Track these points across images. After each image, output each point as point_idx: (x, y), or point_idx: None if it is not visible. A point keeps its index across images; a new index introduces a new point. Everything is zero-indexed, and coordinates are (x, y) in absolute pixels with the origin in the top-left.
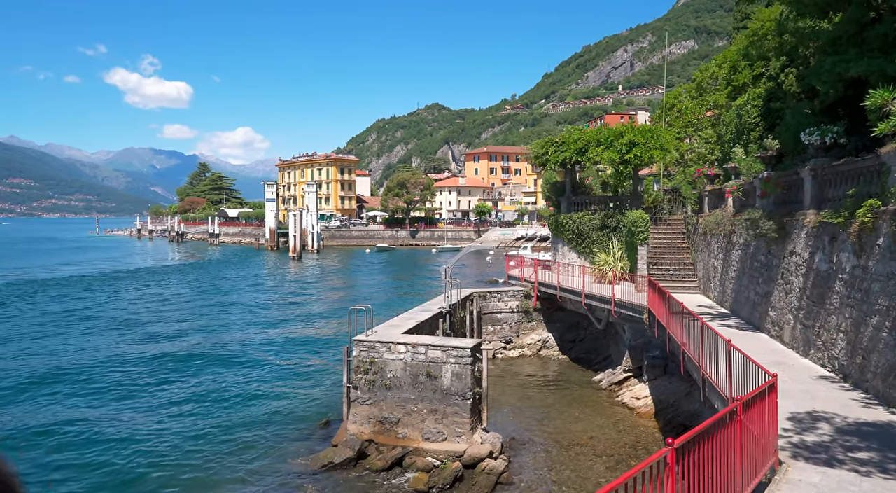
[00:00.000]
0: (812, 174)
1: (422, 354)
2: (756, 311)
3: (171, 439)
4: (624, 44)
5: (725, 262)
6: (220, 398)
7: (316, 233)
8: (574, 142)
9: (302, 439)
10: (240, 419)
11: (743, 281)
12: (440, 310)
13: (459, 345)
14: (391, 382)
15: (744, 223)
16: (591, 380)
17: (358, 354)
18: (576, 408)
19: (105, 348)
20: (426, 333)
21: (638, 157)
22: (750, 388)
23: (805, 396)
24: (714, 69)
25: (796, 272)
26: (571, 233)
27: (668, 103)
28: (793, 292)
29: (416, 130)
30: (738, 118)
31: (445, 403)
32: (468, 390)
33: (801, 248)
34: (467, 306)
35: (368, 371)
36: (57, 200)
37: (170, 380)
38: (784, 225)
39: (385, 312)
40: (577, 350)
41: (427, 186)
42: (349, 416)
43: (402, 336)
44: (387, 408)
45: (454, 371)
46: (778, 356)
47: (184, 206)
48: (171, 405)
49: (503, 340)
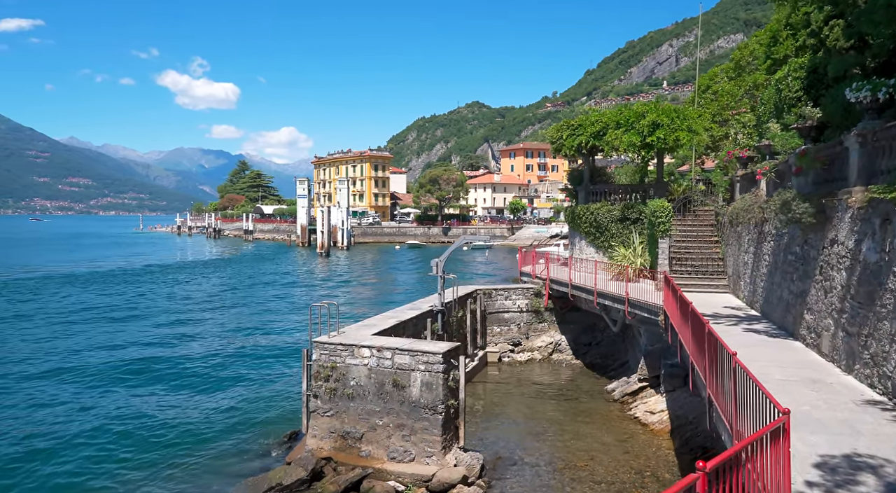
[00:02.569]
0: (860, 141)
1: (388, 359)
2: (789, 314)
3: (121, 452)
4: (669, 38)
5: (756, 256)
6: (190, 405)
7: (346, 229)
8: (591, 124)
9: (262, 454)
10: (204, 428)
11: (775, 278)
12: (431, 308)
13: (430, 349)
14: (354, 391)
15: (774, 207)
16: (604, 389)
17: (318, 358)
18: (581, 422)
19: (66, 350)
20: (410, 335)
21: (662, 139)
22: (761, 421)
23: (844, 429)
24: (755, 47)
25: (838, 266)
26: (588, 226)
27: (703, 85)
28: (834, 291)
29: (457, 129)
30: (777, 93)
31: (414, 417)
32: (439, 403)
33: (844, 235)
34: (468, 304)
35: (329, 378)
36: (112, 198)
37: (130, 386)
38: (823, 208)
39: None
40: (592, 355)
41: (460, 183)
42: (309, 429)
43: (368, 338)
44: (349, 421)
45: (424, 380)
46: (812, 371)
47: (223, 203)
48: (128, 416)
49: (511, 342)
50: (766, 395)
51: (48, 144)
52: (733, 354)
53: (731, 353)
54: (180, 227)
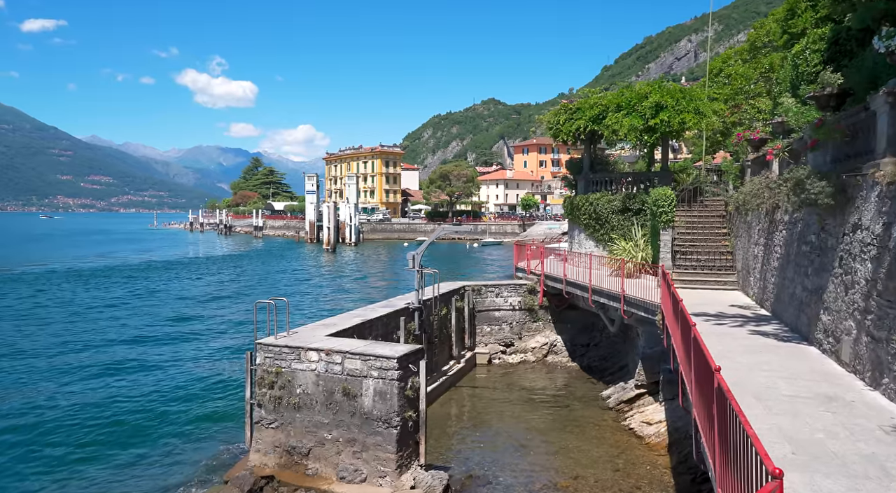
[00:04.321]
0: (890, 102)
1: (337, 364)
2: (803, 314)
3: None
4: (688, 33)
5: (767, 248)
6: (134, 409)
7: (354, 226)
8: (590, 108)
9: (203, 470)
10: (138, 440)
11: (787, 272)
12: (407, 306)
13: (384, 353)
14: (301, 400)
15: (785, 189)
16: (599, 395)
17: (262, 362)
18: (570, 433)
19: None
20: (378, 335)
21: (665, 122)
22: (747, 474)
23: (870, 470)
24: (771, 26)
25: (862, 256)
26: (588, 217)
27: (715, 68)
28: (856, 287)
29: (472, 126)
30: (794, 69)
31: (366, 430)
32: (394, 415)
33: (869, 217)
34: (453, 301)
35: (274, 385)
36: (132, 196)
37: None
38: (844, 186)
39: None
40: (590, 357)
41: (470, 179)
42: (252, 442)
43: (320, 339)
44: (295, 434)
45: (377, 388)
46: (829, 385)
47: (235, 200)
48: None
49: (502, 343)
50: (753, 443)
51: (71, 142)
52: (716, 369)
53: (714, 368)
54: (192, 223)
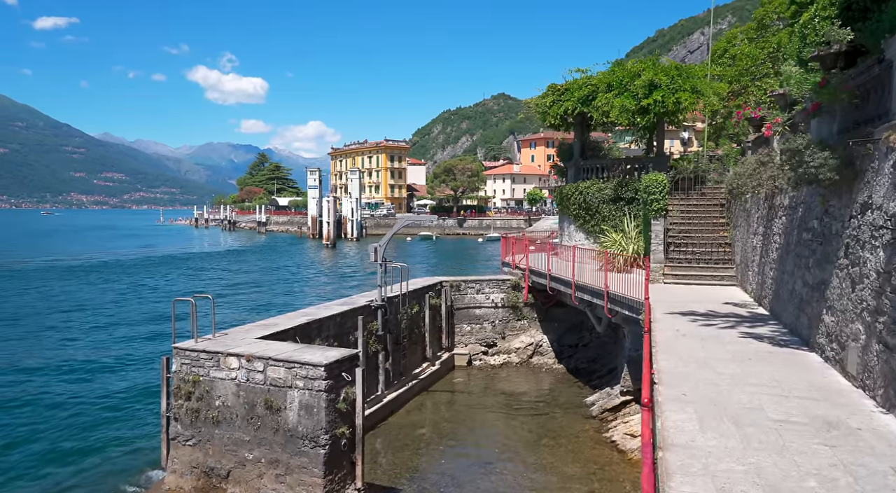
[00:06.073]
0: None
1: (259, 372)
2: (803, 313)
3: None
4: (701, 26)
5: (766, 237)
6: (39, 422)
7: (355, 220)
8: (579, 88)
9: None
10: (60, 454)
11: (786, 265)
12: (368, 304)
13: (310, 360)
14: (220, 413)
15: (779, 162)
16: (583, 402)
17: (179, 369)
18: (545, 446)
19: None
20: (330, 337)
21: (660, 102)
22: None
23: None
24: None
25: (872, 242)
26: (577, 207)
27: (720, 49)
28: (866, 281)
29: (482, 121)
30: (802, 40)
31: (290, 450)
32: (322, 433)
33: (882, 194)
34: (427, 299)
35: (191, 396)
36: (144, 193)
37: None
38: (851, 158)
39: None
40: (577, 359)
41: (475, 173)
42: (169, 461)
43: (246, 343)
44: (214, 453)
45: (303, 401)
46: (830, 406)
47: (241, 195)
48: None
49: (483, 343)
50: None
51: (84, 139)
52: (645, 404)
53: (644, 404)
54: (197, 219)
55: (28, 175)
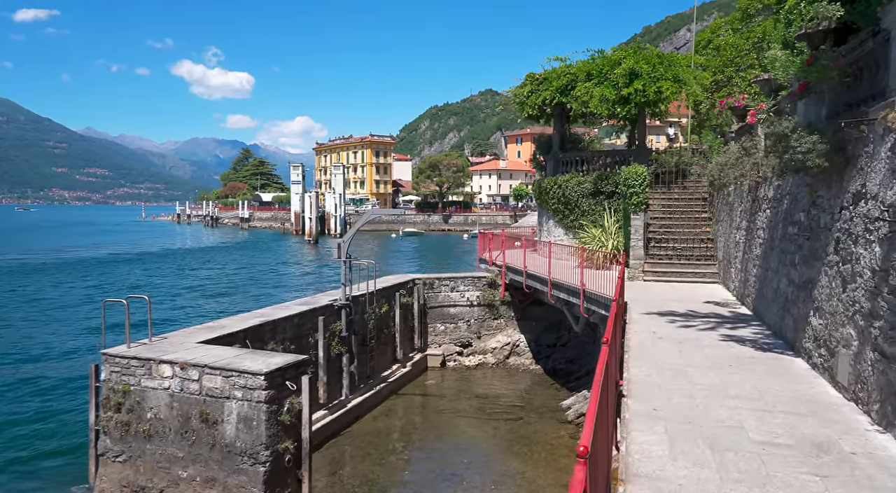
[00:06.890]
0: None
1: (194, 382)
2: (788, 314)
3: None
4: (687, 23)
5: (749, 232)
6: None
7: (339, 216)
8: (557, 78)
9: None
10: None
11: (770, 261)
12: (331, 303)
13: (249, 369)
14: (152, 427)
15: (764, 150)
16: (559, 406)
17: (108, 377)
18: (515, 454)
19: None
20: (286, 340)
21: (640, 91)
22: None
23: None
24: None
25: (867, 236)
26: (556, 202)
27: (703, 40)
28: (858, 280)
29: (469, 117)
30: (787, 26)
31: (228, 467)
32: (262, 448)
33: (878, 181)
34: (397, 297)
35: (121, 407)
36: (128, 188)
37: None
38: (843, 143)
39: None
40: (555, 359)
41: (461, 168)
42: (97, 479)
43: (184, 349)
44: (145, 470)
45: (241, 413)
46: (819, 422)
47: (225, 191)
48: None
49: (458, 343)
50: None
51: (66, 134)
52: (581, 455)
53: (579, 455)
54: (179, 215)
55: (8, 170)
